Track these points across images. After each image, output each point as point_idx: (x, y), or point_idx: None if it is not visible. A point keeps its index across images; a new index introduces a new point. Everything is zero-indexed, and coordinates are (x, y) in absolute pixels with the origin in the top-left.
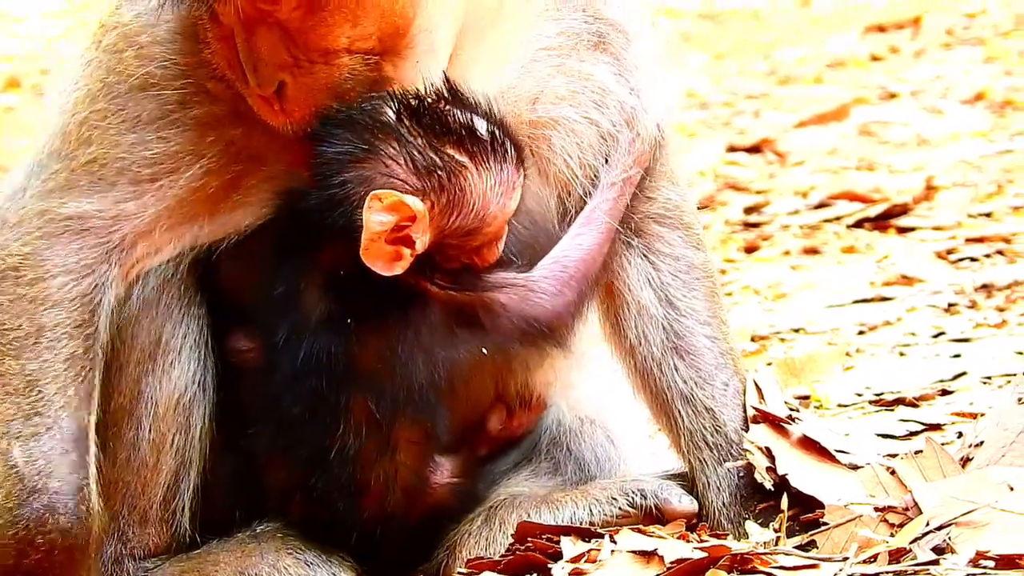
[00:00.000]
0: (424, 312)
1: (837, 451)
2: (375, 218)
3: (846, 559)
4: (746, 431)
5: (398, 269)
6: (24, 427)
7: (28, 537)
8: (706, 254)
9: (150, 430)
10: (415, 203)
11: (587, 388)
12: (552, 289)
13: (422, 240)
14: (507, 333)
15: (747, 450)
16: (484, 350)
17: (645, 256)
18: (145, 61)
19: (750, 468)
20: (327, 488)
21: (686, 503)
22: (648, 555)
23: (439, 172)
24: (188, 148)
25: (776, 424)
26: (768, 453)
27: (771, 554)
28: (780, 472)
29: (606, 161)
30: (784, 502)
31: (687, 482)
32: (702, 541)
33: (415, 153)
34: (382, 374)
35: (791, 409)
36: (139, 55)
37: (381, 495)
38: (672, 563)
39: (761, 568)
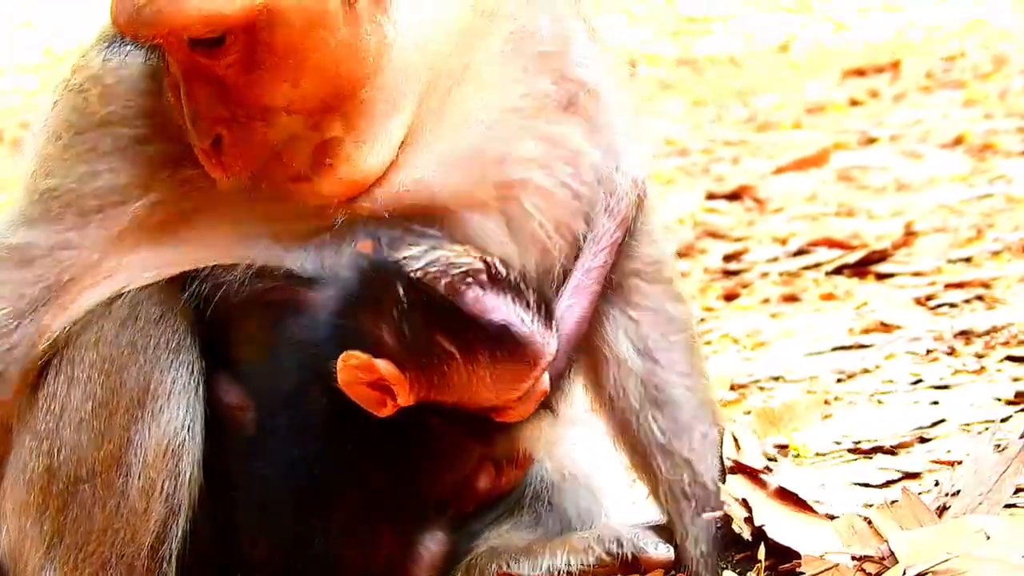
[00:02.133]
0: (422, 421)
1: (814, 501)
2: (343, 376)
3: None
4: (723, 482)
5: (383, 414)
6: None
7: None
8: (685, 307)
9: (139, 477)
10: (388, 369)
11: (570, 443)
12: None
13: (404, 398)
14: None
15: (724, 501)
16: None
17: (624, 310)
18: (108, 100)
19: (727, 519)
20: (303, 565)
21: (662, 551)
22: None
23: (423, 353)
24: (138, 182)
25: (753, 475)
26: (745, 504)
27: None
28: (757, 523)
29: (584, 222)
30: (761, 552)
31: (666, 532)
32: None
33: (407, 326)
34: (368, 466)
35: (768, 459)
36: (103, 94)
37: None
38: None
39: None
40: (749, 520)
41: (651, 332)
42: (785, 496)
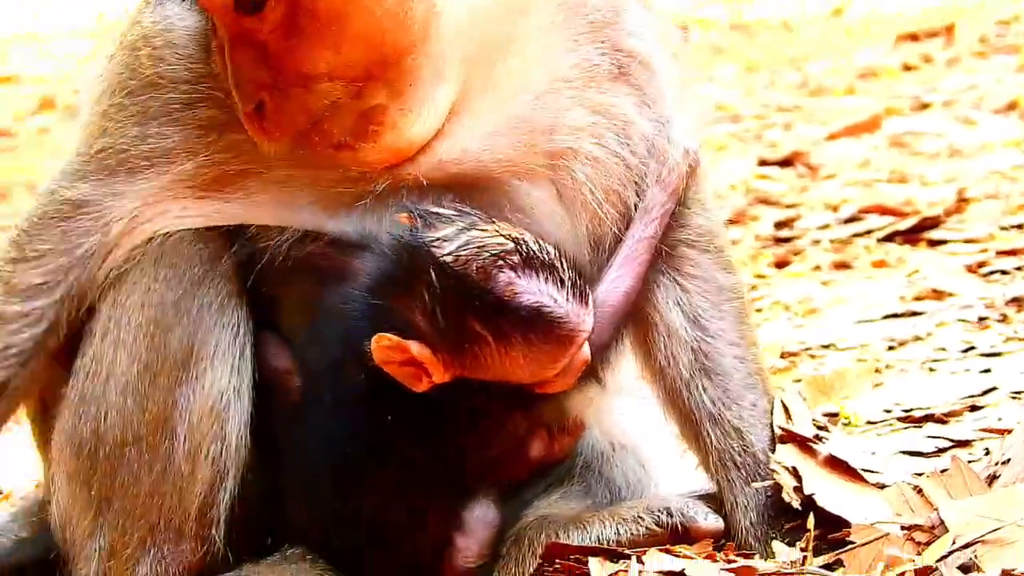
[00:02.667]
0: (462, 394)
1: (864, 470)
2: (378, 355)
3: None
4: (773, 451)
5: (419, 389)
6: None
7: None
8: (736, 276)
9: (185, 440)
10: (420, 351)
11: (620, 413)
12: (595, 337)
13: (440, 376)
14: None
15: (774, 470)
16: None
17: (675, 279)
18: (157, 61)
19: (777, 488)
20: (349, 529)
21: (711, 521)
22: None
23: (455, 336)
24: (185, 146)
25: (803, 444)
26: (795, 473)
27: (798, 574)
28: (807, 492)
29: (636, 193)
30: (811, 521)
31: (715, 502)
32: (729, 561)
33: (439, 309)
34: (412, 436)
35: (819, 428)
36: (152, 55)
37: (402, 542)
38: None
39: None
40: (799, 489)
41: (701, 301)
42: (835, 465)
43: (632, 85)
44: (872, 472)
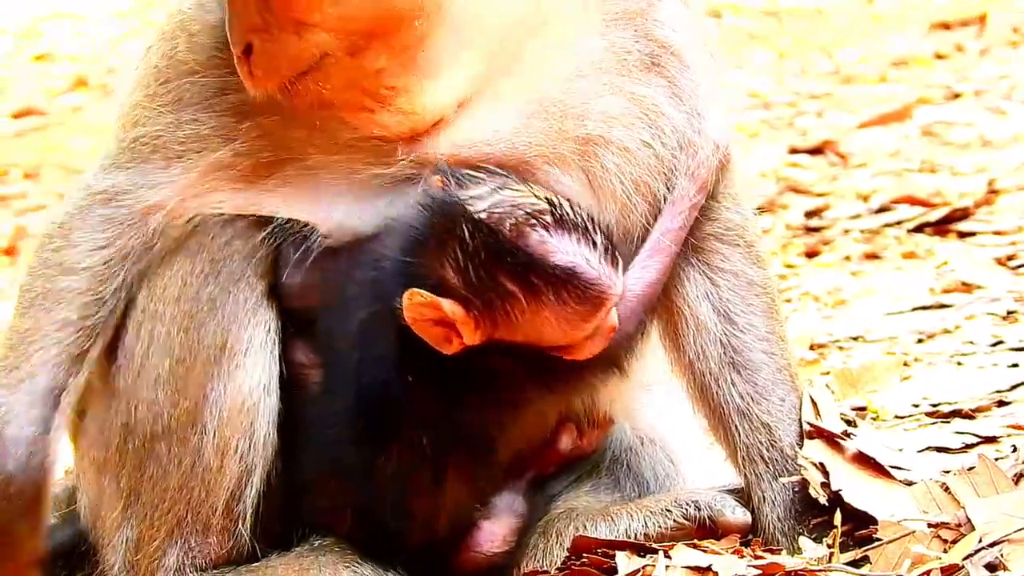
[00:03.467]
0: (489, 363)
1: (891, 467)
2: (409, 313)
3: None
4: (801, 446)
5: (449, 351)
6: (3, 376)
7: None
8: (766, 271)
9: (215, 435)
10: (452, 308)
11: (648, 407)
12: (620, 326)
13: (470, 337)
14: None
15: (802, 466)
16: (549, 391)
17: (704, 273)
18: (194, 48)
19: (804, 483)
20: (375, 511)
21: (739, 515)
22: (703, 571)
23: (487, 293)
24: (220, 132)
25: (831, 439)
26: (822, 468)
27: (825, 571)
28: (834, 488)
29: (665, 185)
30: (838, 518)
31: (742, 496)
32: (756, 557)
33: (471, 266)
34: (438, 415)
35: (847, 423)
36: (189, 42)
37: (427, 525)
38: None
39: None
40: (826, 485)
41: (731, 295)
42: (863, 461)
43: (664, 76)
44: (899, 469)
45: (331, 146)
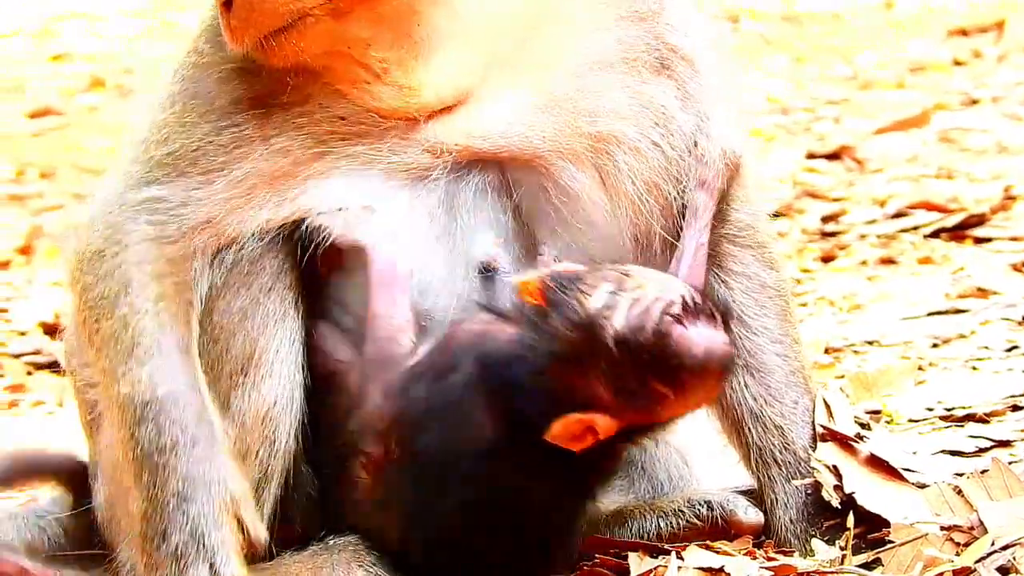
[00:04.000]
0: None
1: (904, 469)
2: (561, 433)
3: None
4: (814, 449)
5: (580, 448)
6: (127, 363)
7: (151, 448)
8: (779, 273)
9: (235, 441)
10: (605, 422)
11: None
12: None
13: (607, 433)
14: None
15: (815, 468)
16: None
17: (717, 275)
18: (223, 54)
19: (817, 486)
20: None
21: (752, 515)
22: (715, 572)
23: (638, 399)
24: (256, 133)
25: (844, 442)
26: (835, 471)
27: (837, 572)
28: (847, 491)
29: (675, 189)
30: (850, 520)
31: (755, 498)
32: (769, 559)
33: (621, 379)
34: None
35: (860, 425)
36: (216, 47)
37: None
38: None
39: None
40: (839, 488)
41: (744, 298)
42: (876, 464)
43: (674, 80)
44: (912, 472)
45: (353, 135)
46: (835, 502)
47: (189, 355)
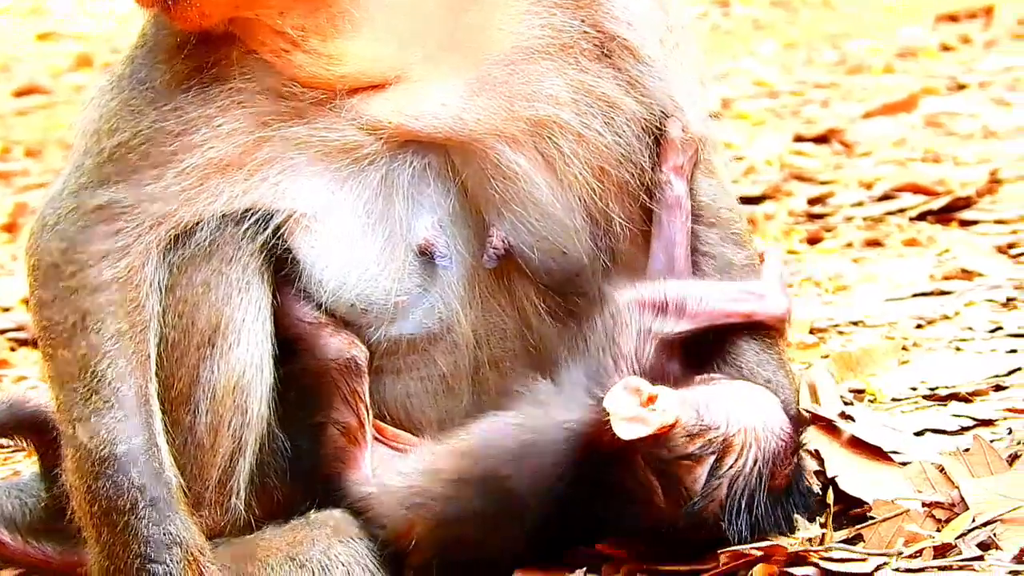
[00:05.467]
0: None
1: (889, 450)
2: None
3: (900, 553)
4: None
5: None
6: (84, 408)
7: (110, 506)
8: (747, 250)
9: (207, 414)
10: None
11: None
12: None
13: None
14: None
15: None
16: None
17: None
18: (166, 33)
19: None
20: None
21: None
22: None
23: None
24: (200, 114)
25: (828, 425)
26: (817, 456)
27: (825, 550)
28: (829, 475)
29: (629, 173)
30: (830, 496)
31: None
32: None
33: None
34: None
35: (846, 404)
36: (159, 28)
37: None
38: (727, 559)
39: (813, 561)
40: (820, 473)
41: (711, 276)
42: (859, 445)
43: (616, 68)
44: (898, 453)
45: (290, 114)
46: (815, 487)
47: (148, 404)
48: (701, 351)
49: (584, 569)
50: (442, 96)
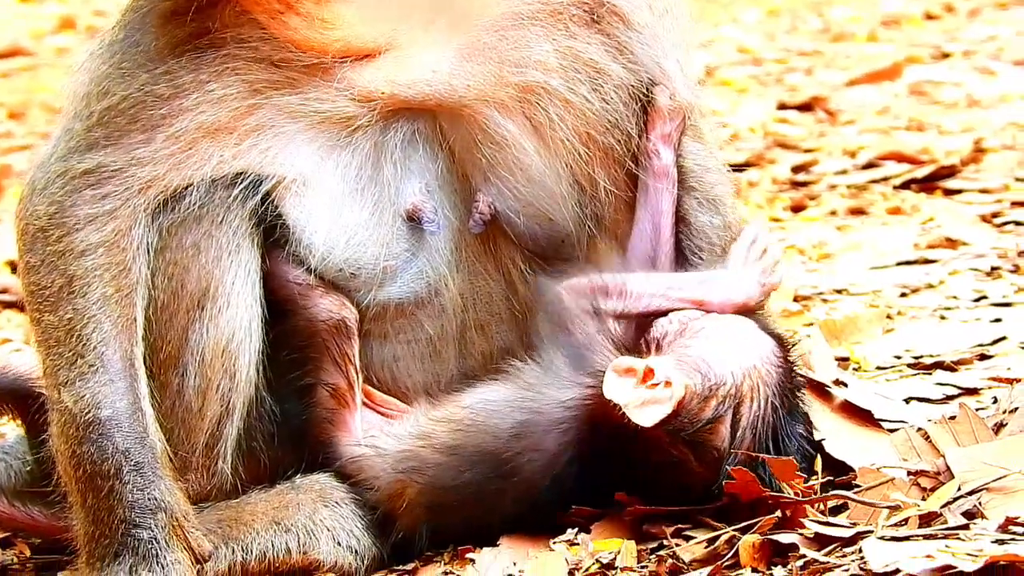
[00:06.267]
0: None
1: (880, 418)
2: None
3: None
4: None
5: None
6: (70, 372)
7: (95, 471)
8: (721, 216)
9: (196, 377)
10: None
11: None
12: None
13: None
14: None
15: None
16: None
17: None
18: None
19: None
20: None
21: None
22: None
23: None
24: (191, 79)
25: (820, 389)
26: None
27: (818, 500)
28: (817, 438)
29: (616, 140)
30: (818, 463)
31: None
32: None
33: None
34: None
35: (841, 370)
36: None
37: None
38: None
39: (799, 530)
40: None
41: (690, 242)
42: (849, 409)
43: (605, 34)
44: (885, 421)
45: (283, 83)
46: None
47: (133, 368)
48: None
49: (576, 530)
50: (433, 62)
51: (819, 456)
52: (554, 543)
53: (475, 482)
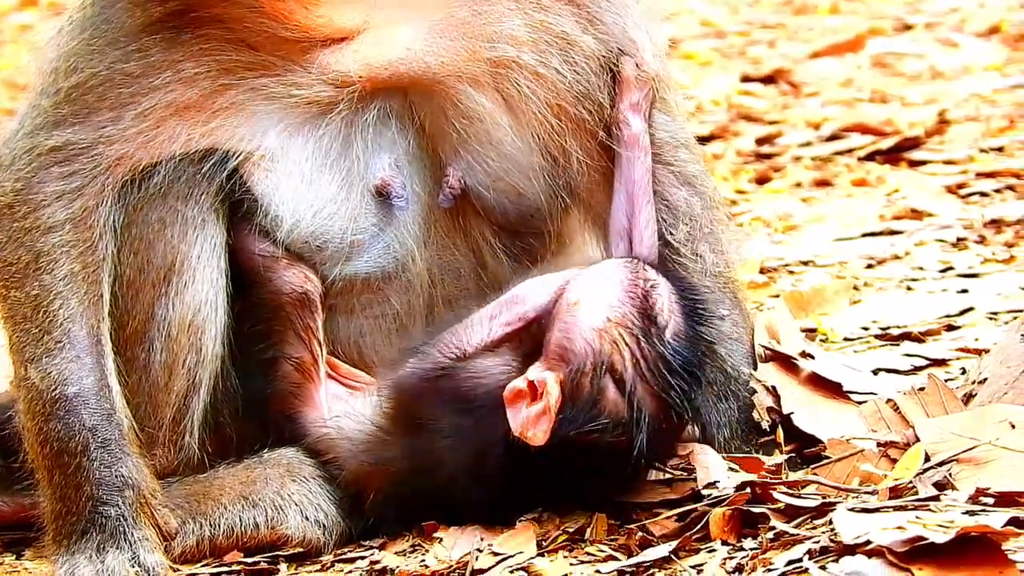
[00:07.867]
0: None
1: (849, 390)
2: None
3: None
4: (755, 368)
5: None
6: (36, 348)
7: (61, 448)
8: (691, 189)
9: (162, 352)
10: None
11: None
12: None
13: None
14: None
15: (753, 389)
16: None
17: None
18: None
19: (751, 405)
20: None
21: None
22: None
23: None
24: (164, 58)
25: (786, 362)
26: (773, 392)
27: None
28: (785, 411)
29: (586, 111)
30: (780, 435)
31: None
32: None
33: None
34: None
35: (808, 341)
36: None
37: None
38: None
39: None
40: (773, 409)
41: (665, 216)
42: (817, 383)
43: (574, 4)
44: (853, 393)
45: (257, 66)
46: (764, 423)
47: (100, 344)
48: None
49: (541, 509)
50: (407, 39)
51: (780, 428)
52: (520, 520)
53: (435, 465)
